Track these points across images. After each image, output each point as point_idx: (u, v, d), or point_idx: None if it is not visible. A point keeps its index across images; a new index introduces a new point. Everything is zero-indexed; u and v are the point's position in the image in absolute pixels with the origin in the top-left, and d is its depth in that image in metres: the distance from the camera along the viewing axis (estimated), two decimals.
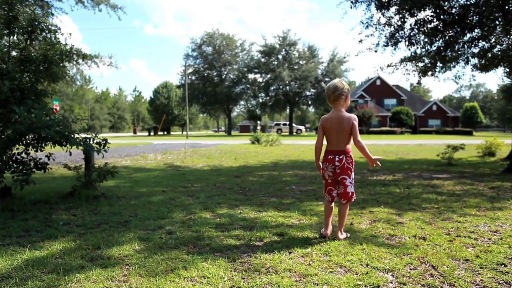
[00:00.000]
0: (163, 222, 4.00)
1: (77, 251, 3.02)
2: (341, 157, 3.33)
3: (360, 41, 11.15)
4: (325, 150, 3.45)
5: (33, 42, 5.28)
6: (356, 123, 3.32)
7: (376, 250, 3.03)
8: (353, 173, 3.40)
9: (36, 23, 5.06)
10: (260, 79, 53.74)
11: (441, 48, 10.63)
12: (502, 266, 2.71)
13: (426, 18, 10.28)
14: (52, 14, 14.08)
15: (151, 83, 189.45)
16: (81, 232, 3.60)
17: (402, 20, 10.46)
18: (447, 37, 10.44)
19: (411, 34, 10.63)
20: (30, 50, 5.03)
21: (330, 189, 3.42)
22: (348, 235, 3.43)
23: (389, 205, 4.84)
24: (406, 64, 11.68)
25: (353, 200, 3.42)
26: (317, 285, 2.40)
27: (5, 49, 4.91)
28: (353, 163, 3.40)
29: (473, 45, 10.54)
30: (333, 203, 3.47)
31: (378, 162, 3.36)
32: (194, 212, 4.46)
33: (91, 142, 4.94)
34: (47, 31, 5.23)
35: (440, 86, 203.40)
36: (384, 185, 6.51)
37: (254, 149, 16.96)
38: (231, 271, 2.63)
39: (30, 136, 4.59)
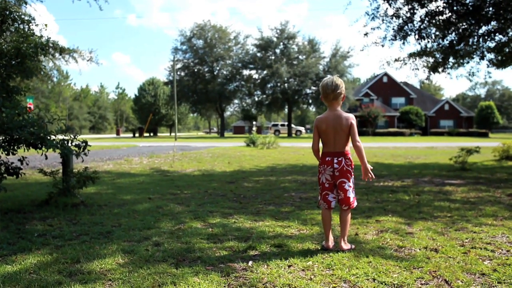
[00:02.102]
0: (149, 232, 3.98)
1: (54, 265, 3.00)
2: (340, 159, 3.37)
3: (366, 34, 11.21)
4: (322, 152, 3.49)
5: (4, 34, 5.26)
6: (354, 123, 3.39)
7: (383, 263, 3.03)
8: (352, 177, 3.43)
9: (7, 12, 5.05)
10: (256, 76, 53.84)
11: (454, 42, 10.71)
12: None
13: (437, 9, 10.36)
14: (25, 3, 13.99)
15: (135, 80, 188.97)
16: (58, 244, 3.58)
17: (412, 11, 10.53)
18: (460, 30, 10.52)
19: (421, 26, 10.71)
20: (1, 43, 5.01)
21: (326, 194, 3.45)
22: (353, 246, 3.44)
23: (397, 213, 4.86)
24: (416, 59, 11.76)
25: (354, 206, 3.45)
26: None
27: None
28: (353, 166, 3.43)
29: (489, 39, 10.62)
30: (332, 211, 3.49)
31: (371, 174, 3.39)
32: (184, 221, 4.45)
33: (70, 144, 4.92)
34: (19, 22, 5.22)
35: (453, 84, 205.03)
36: (392, 191, 6.53)
37: (250, 152, 16.97)
38: (224, 286, 2.62)
39: (0, 138, 4.56)
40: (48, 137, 4.61)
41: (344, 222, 3.44)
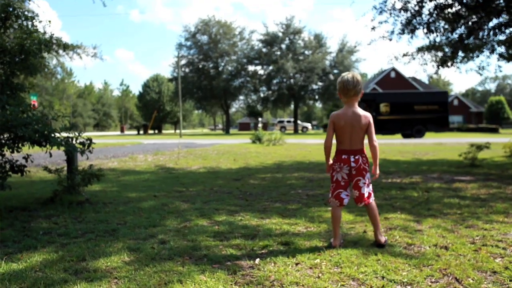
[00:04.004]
0: (155, 230, 4.00)
1: (60, 263, 3.01)
2: (357, 157, 3.37)
3: (373, 28, 11.16)
4: (337, 149, 3.47)
5: (8, 30, 5.28)
6: (372, 121, 3.38)
7: (392, 261, 3.02)
8: (368, 173, 3.42)
9: (11, 9, 5.06)
10: (261, 71, 53.73)
11: (463, 35, 10.62)
12: None
13: (446, 2, 10.27)
14: None
15: (139, 76, 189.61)
16: (63, 242, 3.60)
17: (420, 4, 10.46)
18: (470, 23, 10.43)
19: (430, 20, 10.63)
20: (4, 40, 5.03)
21: (340, 192, 3.44)
22: (386, 238, 3.52)
23: (406, 210, 4.84)
24: (424, 54, 11.69)
25: (370, 201, 3.45)
26: None
27: None
28: (368, 164, 3.42)
29: (499, 32, 10.52)
30: (342, 209, 3.50)
31: (378, 173, 3.48)
32: (190, 219, 4.46)
33: (74, 142, 4.94)
34: (23, 18, 5.23)
35: (462, 78, 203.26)
36: (401, 188, 6.50)
37: (255, 149, 16.97)
38: (231, 284, 2.62)
39: (5, 136, 4.59)
40: (53, 135, 4.63)
41: (373, 217, 3.46)
